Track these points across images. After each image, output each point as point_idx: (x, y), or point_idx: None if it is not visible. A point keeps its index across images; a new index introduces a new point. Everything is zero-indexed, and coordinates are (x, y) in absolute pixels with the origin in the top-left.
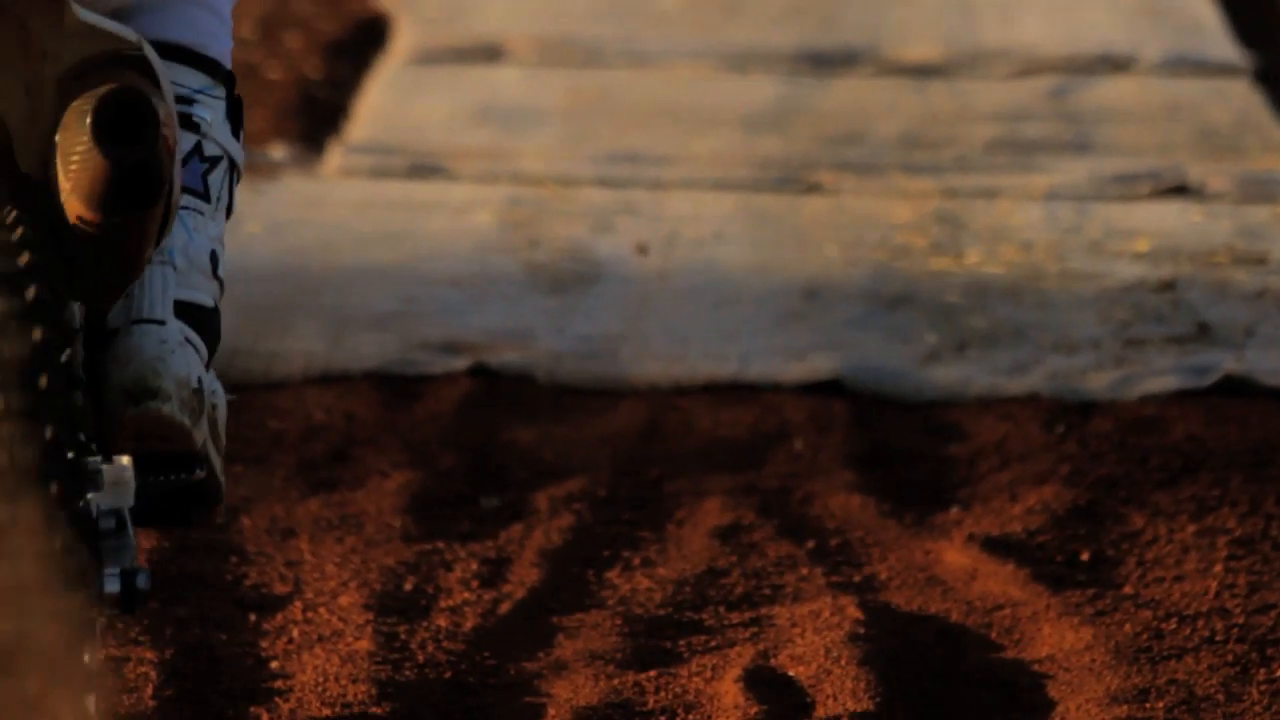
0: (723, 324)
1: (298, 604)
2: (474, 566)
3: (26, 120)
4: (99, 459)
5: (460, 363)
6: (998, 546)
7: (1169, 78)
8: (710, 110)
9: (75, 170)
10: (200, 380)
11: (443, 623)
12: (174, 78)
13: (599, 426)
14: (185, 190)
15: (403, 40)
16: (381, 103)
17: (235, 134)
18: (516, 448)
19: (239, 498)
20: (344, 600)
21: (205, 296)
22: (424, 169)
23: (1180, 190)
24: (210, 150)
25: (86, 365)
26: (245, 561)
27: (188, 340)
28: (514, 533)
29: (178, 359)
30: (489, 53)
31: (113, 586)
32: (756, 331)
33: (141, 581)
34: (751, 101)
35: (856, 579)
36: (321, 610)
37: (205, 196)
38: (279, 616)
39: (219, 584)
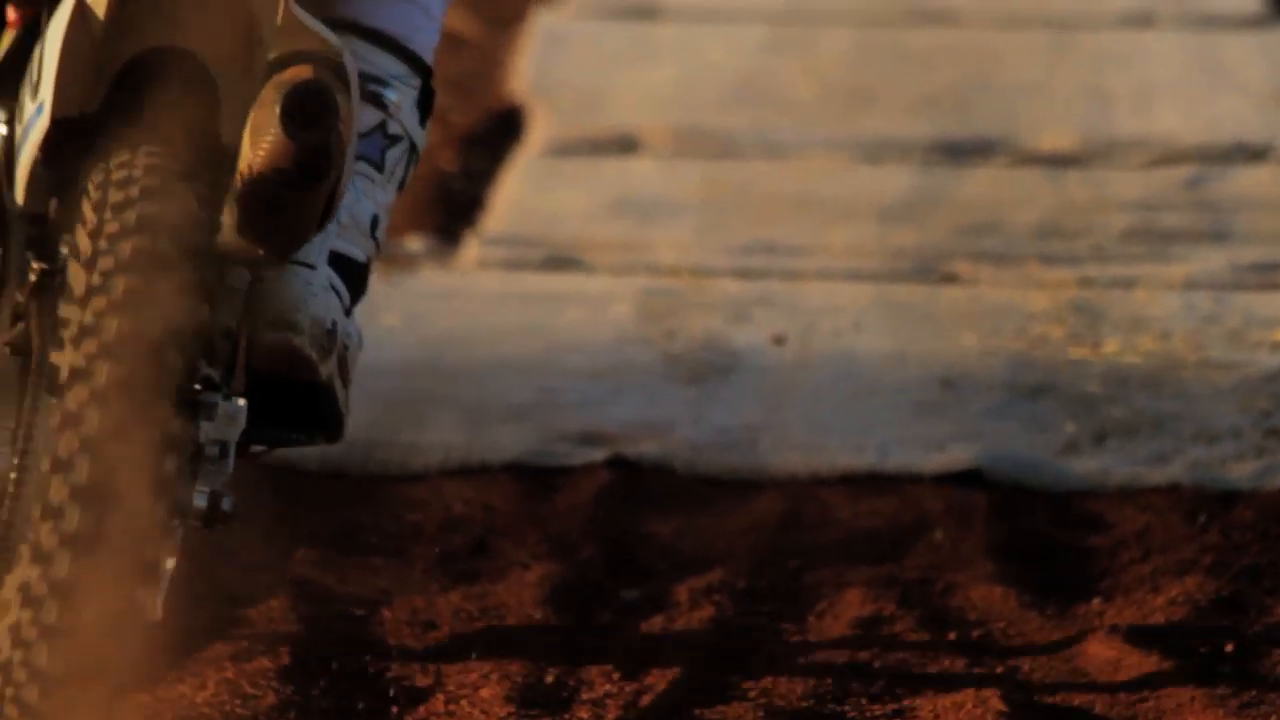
0: (860, 414)
1: (440, 697)
2: (615, 659)
3: (236, 96)
4: (219, 394)
5: (598, 454)
6: (1141, 638)
7: None
8: (845, 201)
9: (261, 143)
10: (335, 324)
11: (584, 715)
12: (374, 61)
13: (738, 517)
14: (363, 159)
15: (538, 132)
16: (517, 194)
17: (422, 121)
18: (656, 539)
19: (379, 590)
20: (485, 693)
21: (359, 252)
22: (560, 261)
23: None
24: (393, 129)
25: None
26: (387, 655)
27: (333, 287)
28: (654, 624)
29: (318, 301)
30: (624, 144)
31: (200, 503)
32: (894, 422)
33: (226, 504)
34: (887, 191)
35: (999, 670)
36: (464, 703)
37: (380, 168)
38: (421, 709)
39: (361, 677)
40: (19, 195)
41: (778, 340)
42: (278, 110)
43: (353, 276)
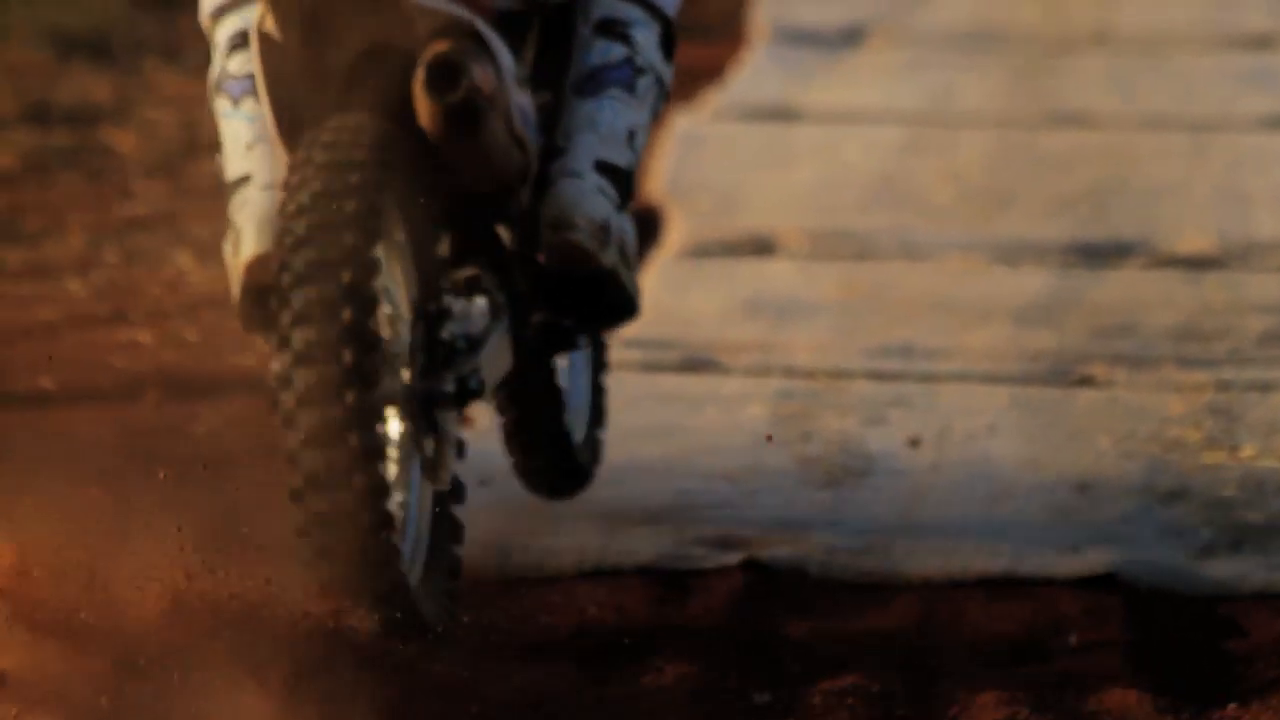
0: (996, 518)
1: None
2: None
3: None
4: (459, 299)
5: (733, 557)
6: None
7: None
8: (981, 303)
9: (422, 113)
10: (609, 220)
11: None
12: (619, 8)
13: (872, 621)
14: (615, 84)
15: (675, 233)
16: (654, 296)
17: (667, 59)
18: (790, 642)
19: (514, 691)
20: None
21: (620, 159)
22: (696, 362)
23: None
24: (639, 62)
25: (529, 207)
26: None
27: (601, 190)
28: None
29: (590, 202)
30: (760, 246)
31: (448, 387)
32: (1029, 525)
33: (473, 383)
34: (1023, 294)
35: None
36: None
37: (632, 91)
38: None
39: None
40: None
41: (913, 443)
42: (422, 81)
43: (618, 179)
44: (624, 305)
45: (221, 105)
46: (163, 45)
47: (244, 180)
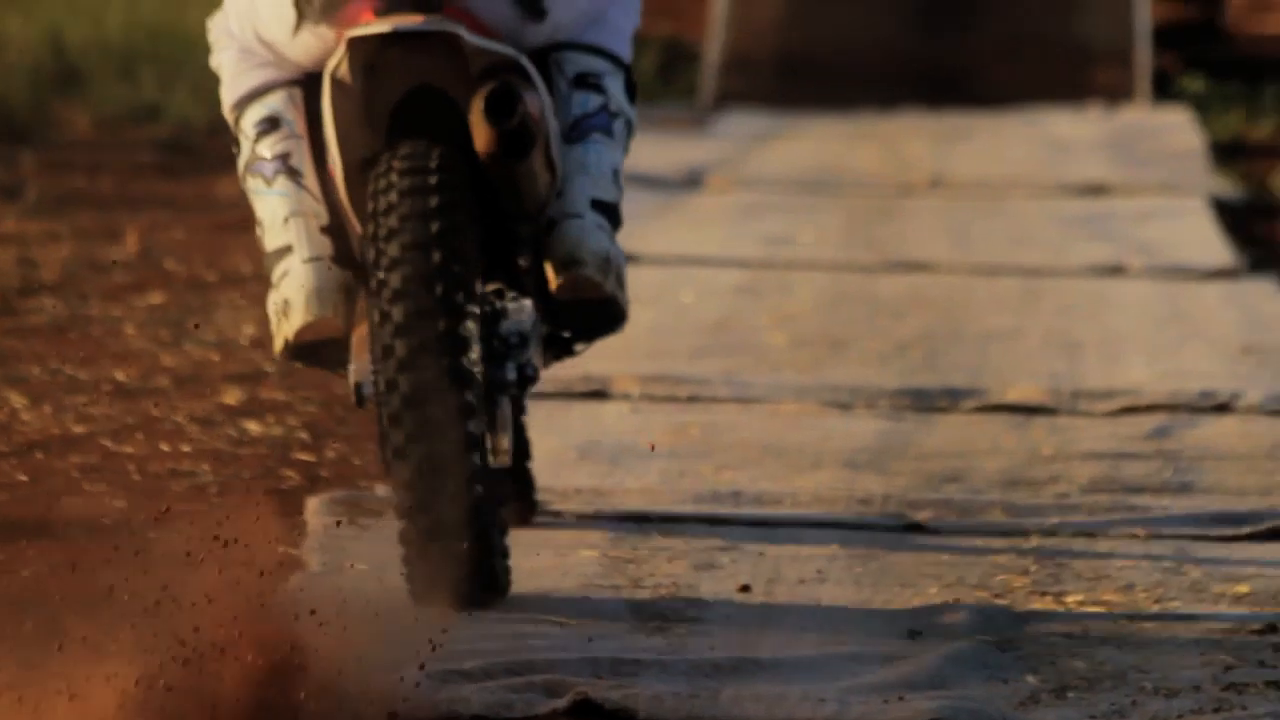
0: (825, 663)
1: None
2: None
3: (465, 104)
4: (509, 300)
5: (562, 702)
6: None
7: (1271, 418)
8: (813, 447)
9: (480, 138)
10: (609, 252)
11: None
12: (591, 65)
13: None
14: (596, 129)
15: None
16: None
17: (630, 100)
18: None
19: None
20: None
21: (609, 195)
22: None
23: None
24: (613, 108)
25: (532, 250)
26: None
27: (600, 227)
28: None
29: (594, 239)
30: (594, 389)
31: (511, 374)
32: (858, 671)
33: (530, 371)
34: (854, 439)
35: None
36: None
37: (610, 134)
38: None
39: None
40: (355, 223)
41: (744, 589)
42: (481, 110)
43: (610, 213)
44: (618, 320)
45: (256, 185)
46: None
47: (286, 251)
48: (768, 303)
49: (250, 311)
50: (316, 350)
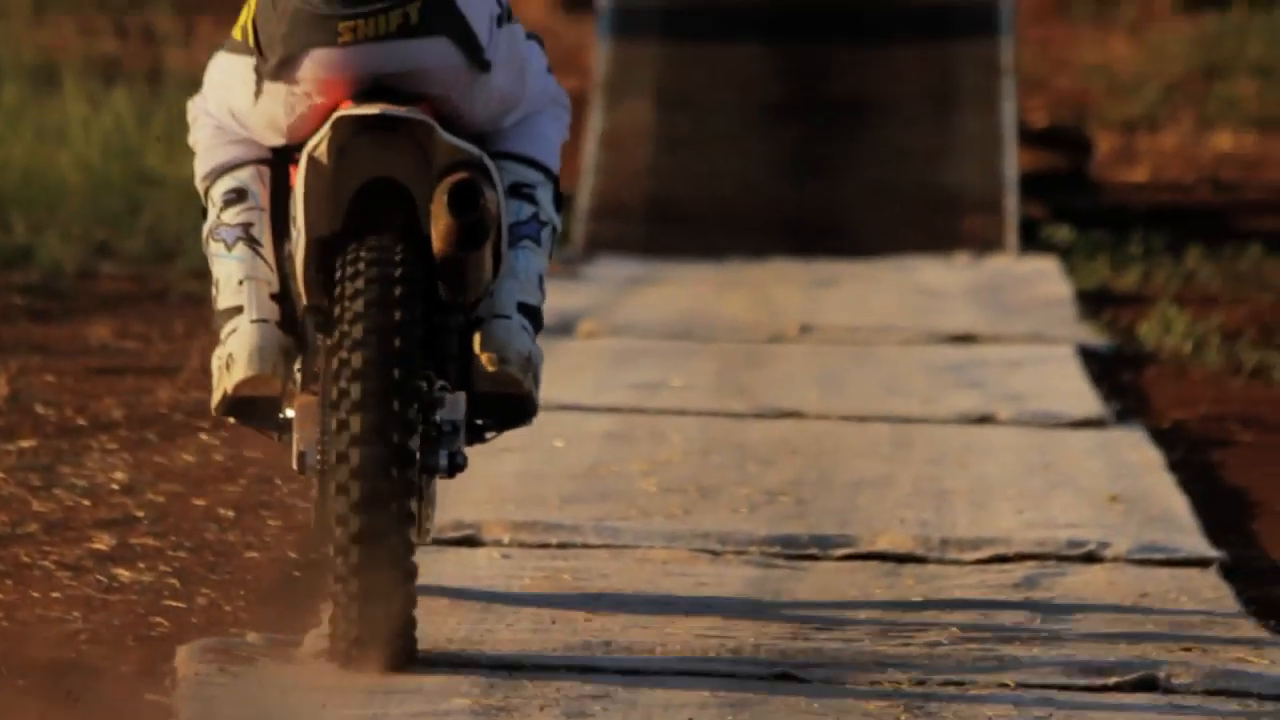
0: None
1: None
2: None
3: (425, 198)
4: (447, 391)
5: None
6: None
7: (1139, 568)
8: (685, 595)
9: (439, 226)
10: (530, 352)
11: None
12: (524, 175)
13: None
14: (526, 237)
15: None
16: None
17: (557, 209)
18: None
19: None
20: None
21: (534, 299)
22: None
23: (1148, 683)
24: (543, 217)
25: (464, 337)
26: None
27: (524, 327)
28: None
29: (518, 339)
30: (465, 536)
31: (443, 462)
32: None
33: (460, 460)
34: (725, 586)
35: None
36: None
37: (538, 242)
38: None
39: None
40: (303, 295)
41: None
42: (445, 201)
43: (534, 316)
44: (530, 414)
45: (217, 249)
46: None
47: (236, 310)
48: (638, 449)
49: (121, 456)
50: (251, 406)
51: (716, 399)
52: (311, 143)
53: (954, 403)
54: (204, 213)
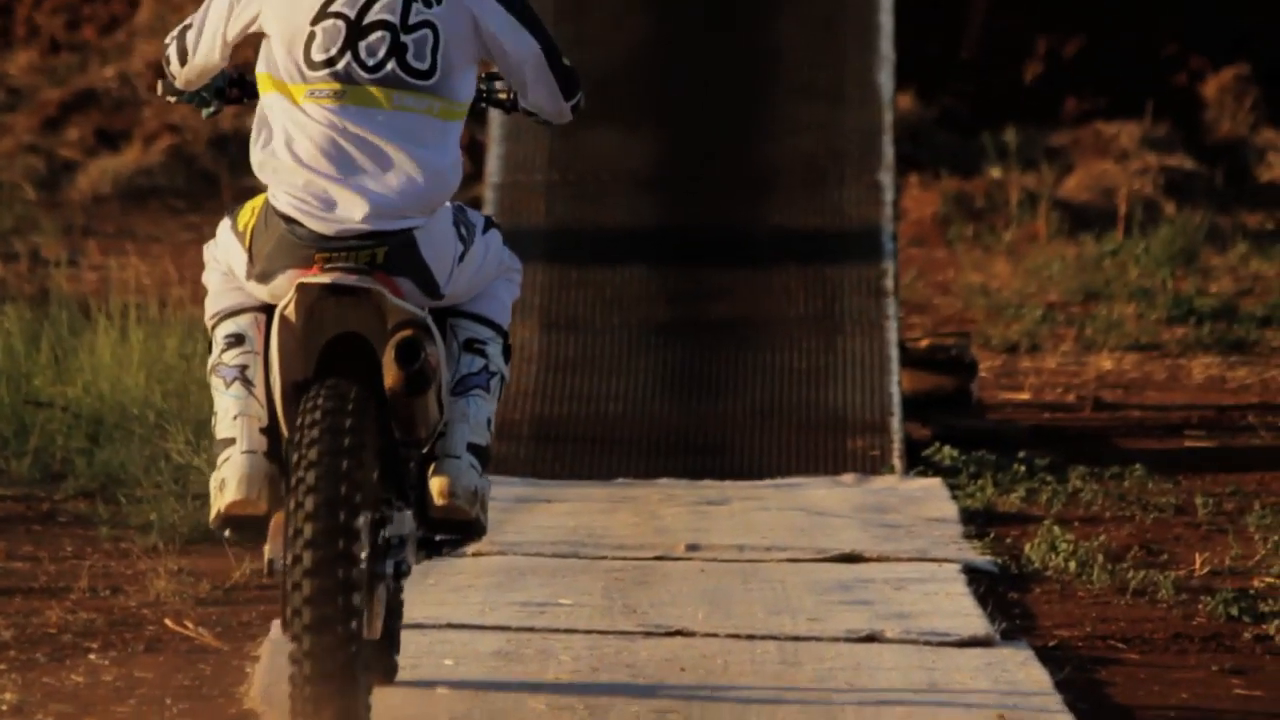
0: None
1: None
2: None
3: (381, 350)
4: (398, 510)
5: None
6: None
7: None
8: None
9: (389, 375)
10: (478, 487)
11: None
12: (477, 331)
13: None
14: (476, 387)
15: None
16: None
17: (505, 360)
18: None
19: None
20: None
21: (482, 440)
22: None
23: None
24: (493, 368)
25: (418, 471)
26: None
27: (473, 465)
28: None
29: (467, 476)
30: None
31: (389, 570)
32: None
33: (404, 568)
34: None
35: None
36: None
37: (487, 390)
38: None
39: None
40: (284, 430)
41: None
42: (393, 355)
43: (482, 454)
44: (479, 535)
45: (217, 384)
46: None
47: (230, 441)
48: (528, 668)
49: (10, 677)
50: (242, 524)
51: (605, 618)
52: (282, 303)
53: (841, 621)
54: (209, 346)
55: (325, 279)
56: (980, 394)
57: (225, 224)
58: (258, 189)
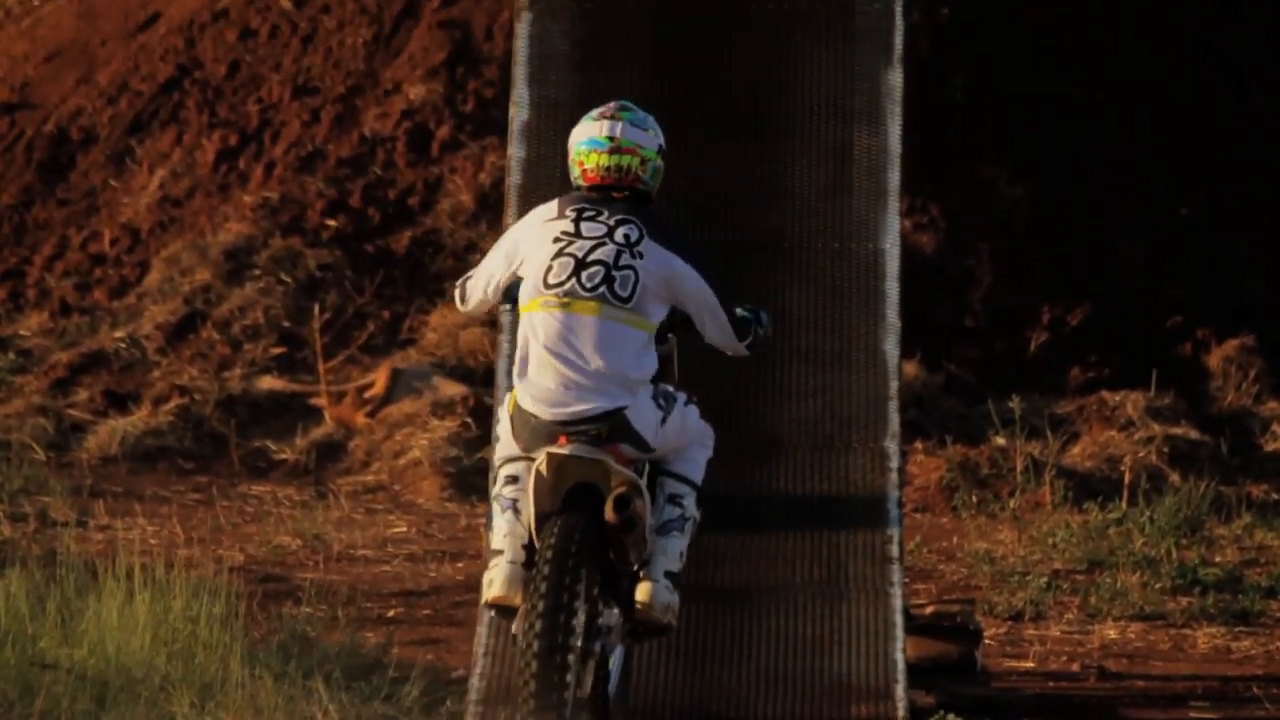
0: None
1: None
2: None
3: (606, 494)
4: (609, 609)
5: None
6: None
7: None
8: None
9: (609, 516)
10: (672, 604)
11: None
12: (677, 488)
13: None
14: (674, 530)
15: None
16: None
17: (697, 507)
18: None
19: None
20: None
21: (676, 568)
22: None
23: None
24: (687, 516)
25: (629, 585)
26: None
27: (667, 586)
28: None
29: (662, 595)
30: None
31: (597, 648)
32: None
33: (609, 649)
34: None
35: None
36: None
37: (682, 532)
38: None
39: None
40: (536, 545)
41: None
42: (611, 505)
43: (675, 579)
44: (669, 632)
45: (496, 509)
46: None
47: (499, 552)
48: None
49: None
50: (502, 609)
51: None
52: (538, 462)
53: None
54: (493, 480)
55: (567, 450)
56: (985, 662)
57: (503, 405)
58: (266, 453)
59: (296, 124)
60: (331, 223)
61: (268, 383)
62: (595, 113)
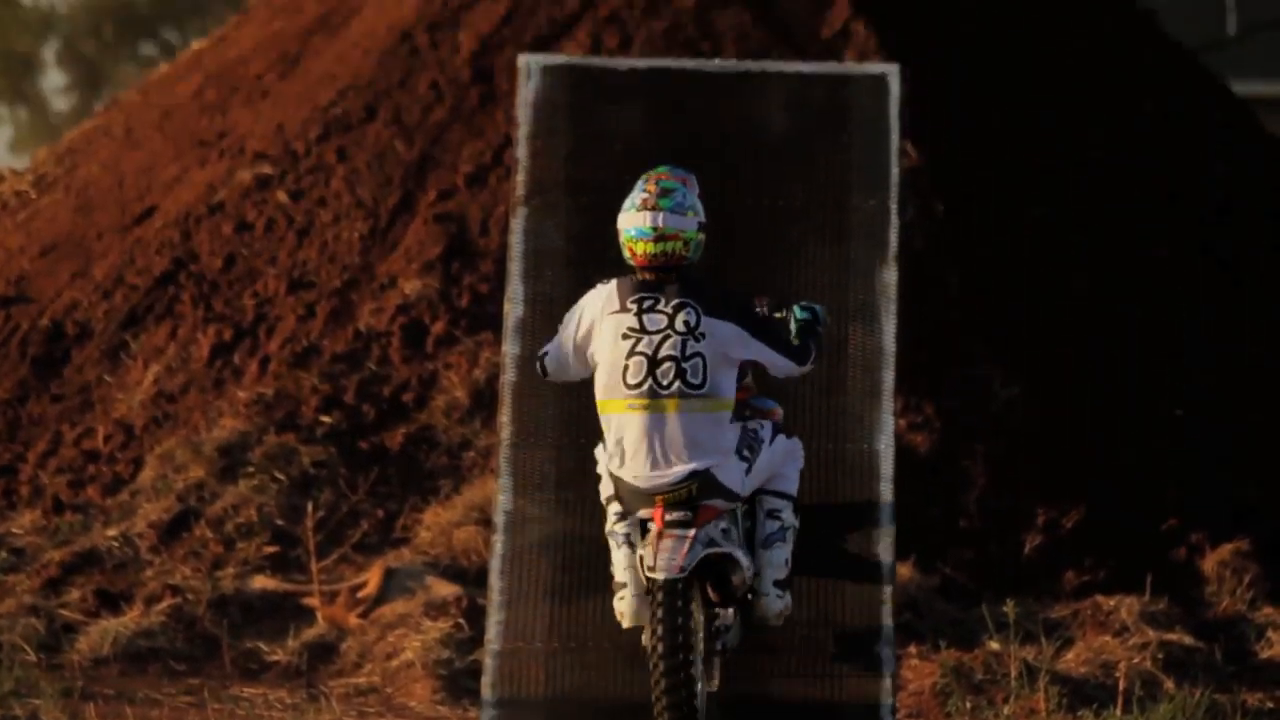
0: None
1: None
2: None
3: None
4: (725, 609)
5: None
6: None
7: None
8: None
9: (711, 588)
10: (783, 610)
11: None
12: (777, 504)
13: None
14: (778, 541)
15: None
16: None
17: (795, 515)
18: None
19: None
20: None
21: (783, 575)
22: None
23: None
24: (787, 526)
25: (743, 599)
26: None
27: (778, 595)
28: None
29: (772, 605)
30: None
31: (718, 645)
32: None
33: (728, 644)
34: None
35: None
36: None
37: (785, 542)
38: None
39: None
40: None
41: None
42: (711, 584)
43: (784, 585)
44: (780, 627)
45: (614, 543)
46: None
47: (623, 584)
48: None
49: None
50: (636, 632)
51: None
52: (642, 513)
53: None
54: (605, 515)
55: (666, 515)
56: None
57: (600, 448)
58: (258, 654)
59: (292, 318)
60: (326, 419)
61: (260, 582)
62: (638, 198)
